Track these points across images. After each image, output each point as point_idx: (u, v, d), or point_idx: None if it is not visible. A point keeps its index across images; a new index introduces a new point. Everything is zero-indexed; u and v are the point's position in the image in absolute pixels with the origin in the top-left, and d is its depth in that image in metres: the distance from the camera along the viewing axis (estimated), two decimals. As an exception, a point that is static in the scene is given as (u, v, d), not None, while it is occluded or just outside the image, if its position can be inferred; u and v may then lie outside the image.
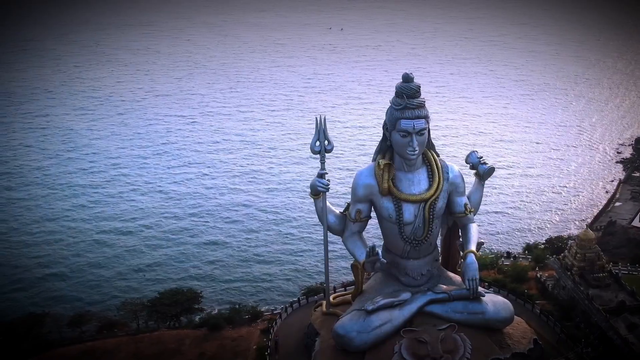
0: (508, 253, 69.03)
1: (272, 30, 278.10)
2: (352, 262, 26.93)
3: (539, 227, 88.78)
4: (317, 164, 26.26)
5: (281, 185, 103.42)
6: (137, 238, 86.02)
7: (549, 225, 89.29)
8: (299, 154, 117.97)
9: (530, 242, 75.47)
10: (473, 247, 25.90)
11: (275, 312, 43.28)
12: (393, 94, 24.82)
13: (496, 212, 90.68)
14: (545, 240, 75.31)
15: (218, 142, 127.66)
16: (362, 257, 25.47)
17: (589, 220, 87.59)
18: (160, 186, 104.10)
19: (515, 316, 28.27)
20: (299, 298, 41.86)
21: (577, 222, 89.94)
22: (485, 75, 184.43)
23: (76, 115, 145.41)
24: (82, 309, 64.89)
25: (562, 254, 51.65)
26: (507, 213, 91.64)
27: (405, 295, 26.23)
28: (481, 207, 28.25)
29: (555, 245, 68.26)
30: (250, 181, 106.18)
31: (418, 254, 26.58)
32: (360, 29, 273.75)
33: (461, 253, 27.47)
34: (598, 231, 73.58)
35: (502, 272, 58.53)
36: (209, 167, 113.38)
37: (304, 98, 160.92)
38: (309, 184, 26.53)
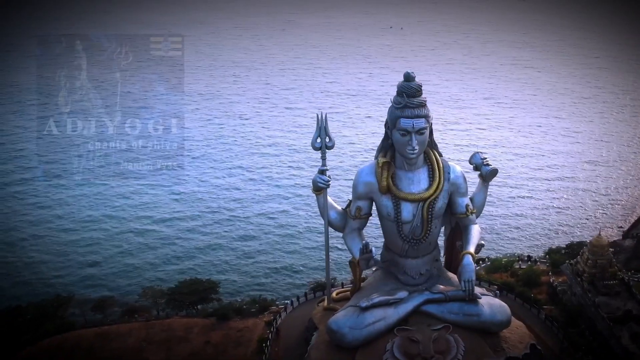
0: (528, 257, 67.24)
1: (333, 29, 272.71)
2: (350, 258, 26.30)
3: (564, 232, 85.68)
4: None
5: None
6: (172, 229, 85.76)
7: (579, 232, 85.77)
8: (350, 155, 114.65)
9: (553, 247, 73.33)
10: (471, 249, 25.01)
11: (280, 305, 42.91)
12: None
13: (521, 215, 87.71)
14: (566, 245, 73.05)
15: (260, 140, 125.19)
16: (358, 254, 24.81)
17: (625, 228, 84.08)
18: (204, 180, 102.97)
19: (516, 320, 27.30)
20: (305, 292, 41.40)
21: (611, 229, 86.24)
22: (538, 81, 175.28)
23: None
24: (108, 294, 65.65)
25: (574, 260, 49.97)
26: (536, 216, 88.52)
27: (402, 294, 25.44)
28: (509, 210, 27.22)
29: (575, 250, 66.03)
30: (288, 178, 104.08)
31: (417, 253, 25.81)
32: (419, 29, 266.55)
33: None
34: (633, 239, 70.91)
35: (515, 276, 57.07)
36: (254, 162, 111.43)
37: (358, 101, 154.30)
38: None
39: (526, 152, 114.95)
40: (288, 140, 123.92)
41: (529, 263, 63.72)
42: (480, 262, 65.06)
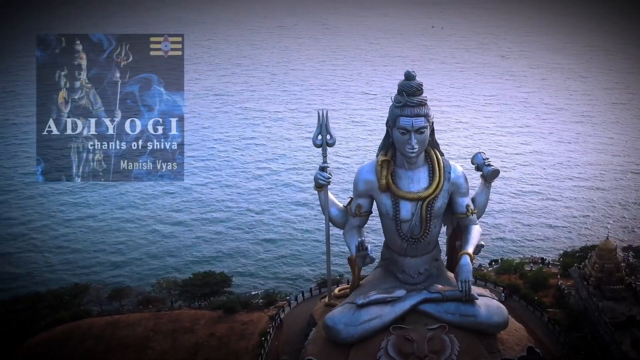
0: (542, 259, 65.73)
1: (370, 29, 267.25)
2: (349, 255, 25.82)
3: (584, 236, 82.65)
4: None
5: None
6: (199, 231, 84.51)
7: (600, 238, 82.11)
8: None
9: (569, 250, 71.42)
10: (470, 249, 24.29)
11: (284, 300, 42.53)
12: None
13: (545, 224, 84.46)
14: (580, 248, 71.09)
15: (290, 140, 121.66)
16: (355, 252, 24.35)
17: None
18: (234, 181, 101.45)
19: (515, 322, 26.57)
20: (310, 288, 40.99)
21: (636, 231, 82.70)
22: (576, 81, 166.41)
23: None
24: (124, 284, 65.71)
25: (582, 263, 48.67)
26: (563, 221, 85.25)
27: (400, 293, 24.94)
28: (535, 214, 26.41)
29: (587, 254, 64.07)
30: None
31: (415, 252, 25.26)
32: (459, 30, 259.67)
33: None
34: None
35: (523, 278, 55.86)
36: (286, 164, 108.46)
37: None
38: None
39: (558, 160, 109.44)
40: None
41: (540, 265, 62.26)
42: (493, 263, 63.84)
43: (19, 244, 78.84)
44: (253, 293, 60.34)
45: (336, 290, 30.28)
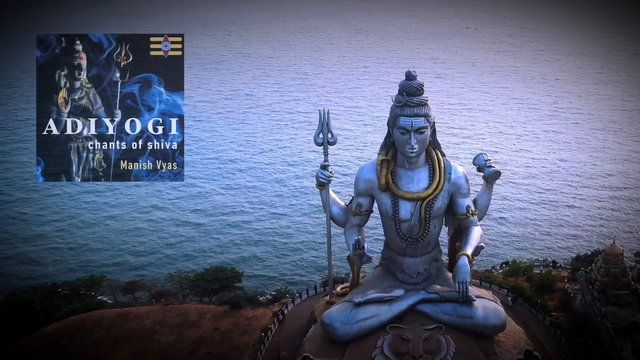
0: (554, 262, 64.49)
1: (402, 30, 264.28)
2: (348, 254, 25.34)
3: (600, 242, 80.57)
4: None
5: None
6: (216, 223, 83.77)
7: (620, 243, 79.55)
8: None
9: (581, 254, 69.97)
10: (468, 251, 23.62)
11: (288, 297, 42.13)
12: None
13: (564, 227, 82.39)
14: (592, 252, 69.62)
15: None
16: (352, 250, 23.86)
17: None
18: (251, 177, 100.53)
19: (515, 325, 25.86)
20: (315, 285, 40.54)
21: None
22: (606, 85, 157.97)
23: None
24: (139, 277, 65.87)
25: (589, 267, 47.51)
26: (585, 227, 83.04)
27: (398, 292, 24.40)
28: (556, 221, 25.59)
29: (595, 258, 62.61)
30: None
31: (415, 252, 24.67)
32: (493, 31, 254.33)
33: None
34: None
35: (531, 280, 54.81)
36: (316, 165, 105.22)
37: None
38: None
39: (584, 170, 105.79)
40: (359, 140, 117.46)
41: (550, 268, 61.08)
42: (505, 265, 62.84)
43: (41, 241, 79.43)
44: (260, 290, 60.11)
45: (338, 289, 29.84)
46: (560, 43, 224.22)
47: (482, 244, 25.32)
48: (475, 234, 24.66)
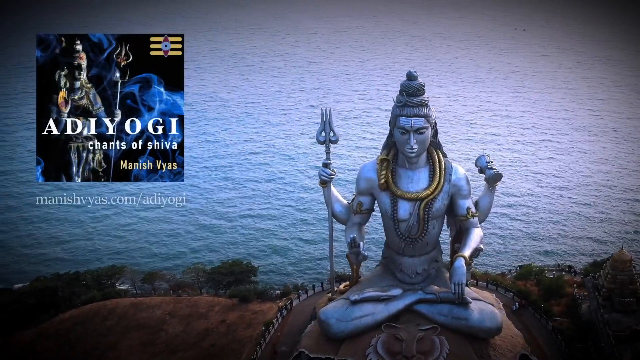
0: (569, 267, 62.68)
1: (446, 30, 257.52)
2: (347, 252, 24.76)
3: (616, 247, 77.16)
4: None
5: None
6: (243, 227, 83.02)
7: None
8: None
9: (598, 259, 67.73)
10: (466, 252, 22.89)
11: (295, 293, 41.63)
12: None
13: (583, 236, 79.51)
14: (607, 257, 67.13)
15: (354, 140, 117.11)
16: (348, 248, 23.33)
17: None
18: (274, 177, 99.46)
19: (514, 329, 24.94)
20: (322, 282, 39.92)
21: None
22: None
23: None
24: (158, 269, 65.96)
25: (597, 273, 45.94)
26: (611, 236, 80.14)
27: (396, 291, 23.82)
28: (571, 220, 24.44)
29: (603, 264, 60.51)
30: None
31: (413, 252, 24.03)
32: (540, 34, 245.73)
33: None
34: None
35: (539, 284, 53.36)
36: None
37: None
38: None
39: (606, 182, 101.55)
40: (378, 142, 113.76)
41: (563, 273, 59.30)
42: (519, 268, 61.36)
43: (74, 229, 79.81)
44: (270, 285, 59.51)
45: (341, 286, 29.06)
46: (606, 47, 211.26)
47: (481, 246, 24.49)
48: (475, 236, 23.93)
